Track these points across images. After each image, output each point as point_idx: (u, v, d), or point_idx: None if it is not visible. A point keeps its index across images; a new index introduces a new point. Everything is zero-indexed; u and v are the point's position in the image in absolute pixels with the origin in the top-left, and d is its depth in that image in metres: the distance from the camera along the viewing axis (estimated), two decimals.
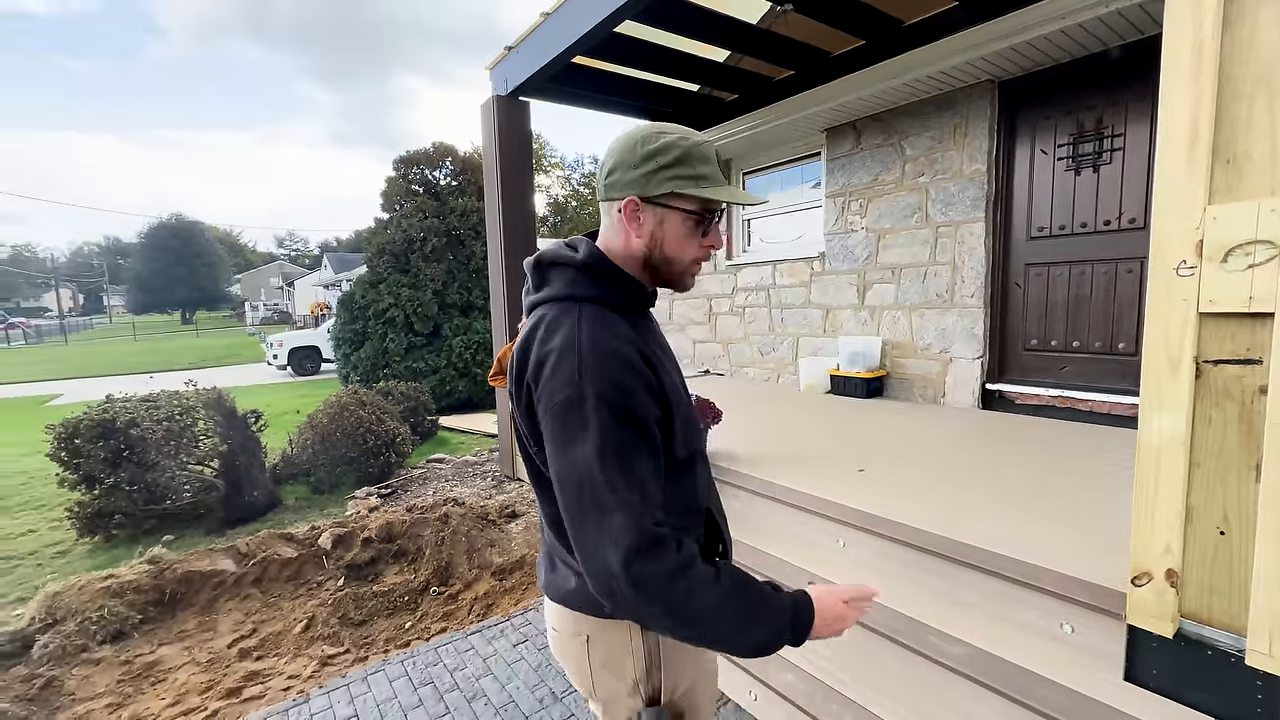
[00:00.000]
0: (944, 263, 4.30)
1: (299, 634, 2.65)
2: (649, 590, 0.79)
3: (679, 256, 0.99)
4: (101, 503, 3.84)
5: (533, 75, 4.26)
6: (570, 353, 0.87)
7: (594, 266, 0.98)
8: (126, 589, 2.80)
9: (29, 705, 2.23)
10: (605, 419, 0.83)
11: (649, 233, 0.97)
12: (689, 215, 0.97)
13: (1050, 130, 3.82)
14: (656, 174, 0.94)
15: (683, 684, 1.05)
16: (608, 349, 0.88)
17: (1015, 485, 2.40)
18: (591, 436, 0.83)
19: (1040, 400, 3.95)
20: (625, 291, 0.99)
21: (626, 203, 0.96)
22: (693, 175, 0.95)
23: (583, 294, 0.96)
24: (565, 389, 0.85)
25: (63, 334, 38.07)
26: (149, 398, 4.19)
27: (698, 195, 0.94)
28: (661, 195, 0.94)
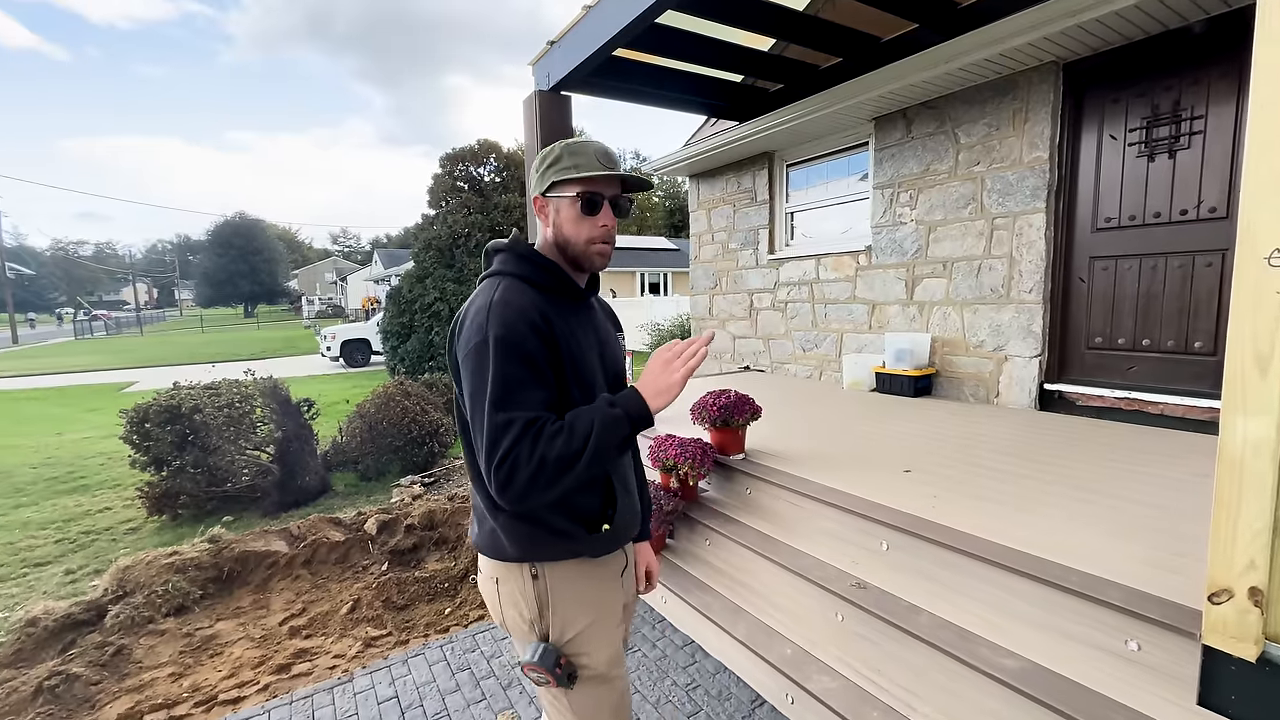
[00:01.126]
0: (1000, 256, 4.09)
1: (345, 615, 2.75)
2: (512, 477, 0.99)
3: (575, 236, 1.18)
4: (168, 484, 4.09)
5: (574, 69, 4.26)
6: (483, 310, 1.08)
7: (516, 249, 1.20)
8: (189, 565, 2.96)
9: (101, 670, 2.39)
10: (501, 356, 1.03)
11: (552, 221, 1.20)
12: (573, 200, 1.16)
13: (1120, 114, 3.57)
14: (545, 173, 1.18)
15: (572, 628, 1.18)
16: (512, 305, 1.08)
17: (1076, 491, 2.26)
18: (491, 371, 1.03)
19: (1104, 402, 3.71)
20: (542, 270, 1.18)
21: (534, 200, 1.21)
22: (567, 166, 1.16)
23: (508, 270, 1.18)
24: (475, 336, 1.07)
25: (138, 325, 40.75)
26: (211, 386, 4.42)
27: (567, 179, 1.14)
28: (548, 188, 1.17)
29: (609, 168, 1.16)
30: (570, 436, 1.01)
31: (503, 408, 1.02)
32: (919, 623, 1.80)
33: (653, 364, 1.12)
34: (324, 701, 2.14)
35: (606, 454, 1.04)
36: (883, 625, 1.88)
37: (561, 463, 1.00)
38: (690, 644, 2.34)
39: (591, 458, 1.01)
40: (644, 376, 1.11)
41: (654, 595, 2.65)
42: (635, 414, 1.07)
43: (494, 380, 1.02)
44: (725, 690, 2.07)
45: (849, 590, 2.02)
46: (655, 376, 1.10)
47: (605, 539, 1.20)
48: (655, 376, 1.10)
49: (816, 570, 2.16)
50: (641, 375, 1.12)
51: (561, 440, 1.01)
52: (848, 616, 2.00)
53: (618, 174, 1.18)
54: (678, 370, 1.08)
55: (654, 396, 1.08)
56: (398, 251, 41.43)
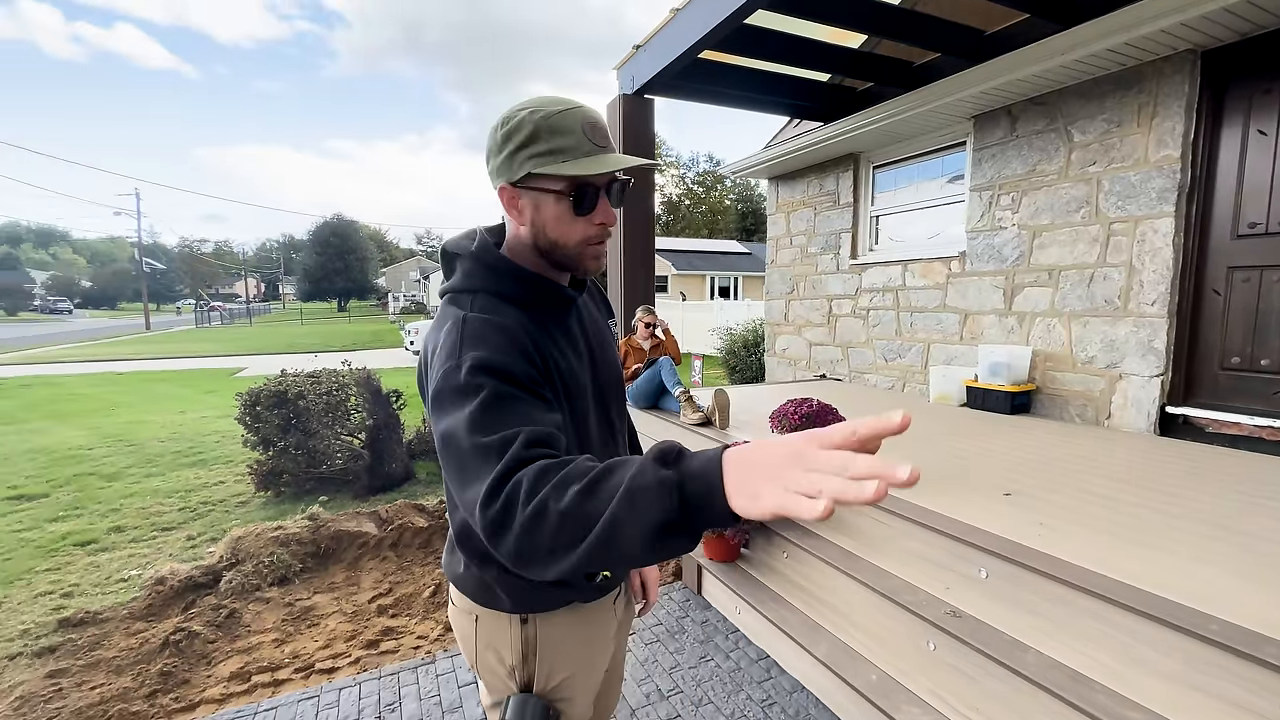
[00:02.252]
0: (1117, 264, 3.73)
1: (427, 598, 2.88)
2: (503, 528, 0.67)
3: (564, 239, 0.92)
4: (274, 463, 4.45)
5: (659, 72, 4.28)
6: (454, 331, 0.85)
7: (482, 257, 0.94)
8: (291, 540, 3.20)
9: (217, 630, 2.63)
10: (480, 378, 0.79)
11: (529, 219, 0.92)
12: (559, 196, 0.89)
13: (1274, 106, 3.17)
14: (515, 156, 0.88)
15: (558, 675, 1.04)
16: (487, 324, 0.86)
17: (1205, 528, 2.01)
18: (470, 399, 0.78)
19: (1240, 430, 3.30)
20: (516, 281, 0.93)
21: (500, 192, 0.92)
22: (548, 150, 0.86)
23: (476, 285, 0.93)
24: (447, 362, 0.83)
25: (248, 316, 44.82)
26: (313, 374, 4.78)
27: (557, 174, 0.87)
28: (523, 179, 0.88)
29: (603, 148, 0.89)
30: (592, 487, 0.63)
31: (487, 429, 0.75)
32: (1025, 661, 1.66)
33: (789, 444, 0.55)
34: (409, 680, 2.24)
35: (624, 528, 0.60)
36: (981, 659, 1.75)
37: (566, 520, 0.63)
38: (765, 658, 2.27)
39: (607, 525, 0.60)
40: (756, 454, 0.58)
41: (728, 605, 2.60)
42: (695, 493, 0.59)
43: (475, 407, 0.77)
44: (803, 710, 1.99)
45: (942, 618, 1.89)
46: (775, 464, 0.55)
47: (602, 585, 1.05)
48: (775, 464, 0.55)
49: (906, 593, 2.04)
50: (752, 450, 0.59)
51: (578, 487, 0.63)
52: (940, 646, 1.88)
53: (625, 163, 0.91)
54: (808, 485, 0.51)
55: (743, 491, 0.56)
56: None
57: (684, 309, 17.93)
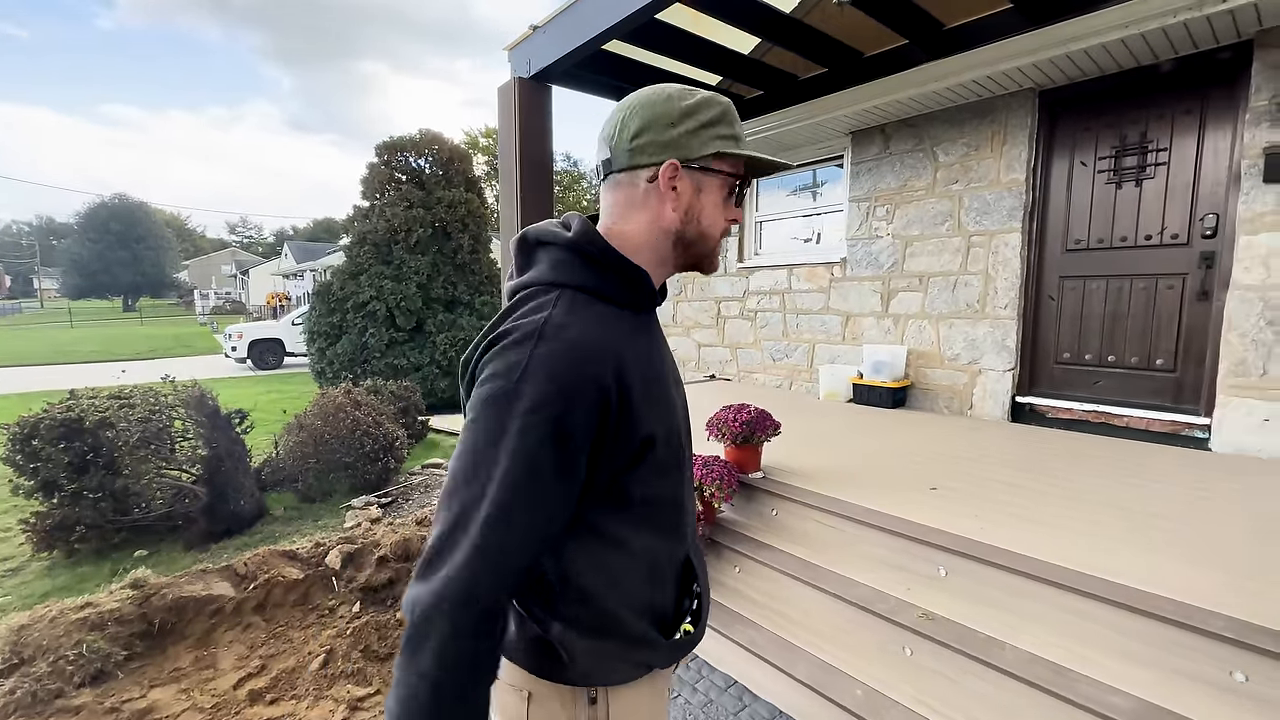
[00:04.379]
0: (976, 272, 4.23)
1: (317, 671, 2.32)
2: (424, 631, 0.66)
3: (713, 230, 0.85)
4: (63, 513, 3.37)
5: (560, 58, 3.98)
6: (527, 340, 0.71)
7: (585, 247, 0.80)
8: (108, 620, 2.40)
9: None
10: (529, 432, 0.68)
11: (686, 204, 0.82)
12: (728, 180, 0.83)
13: (1091, 142, 3.79)
14: (699, 132, 0.80)
15: None
16: (573, 344, 0.72)
17: (1102, 506, 2.28)
18: (506, 445, 0.68)
19: (1073, 414, 3.91)
20: (623, 279, 0.81)
21: (666, 167, 0.79)
22: (732, 135, 0.82)
23: (567, 279, 0.79)
24: (501, 380, 0.70)
25: None
26: (119, 393, 3.72)
27: (744, 155, 0.82)
28: (706, 156, 0.80)
29: None
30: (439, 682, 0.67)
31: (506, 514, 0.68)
32: (1004, 657, 1.71)
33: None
34: None
35: None
36: (961, 660, 1.79)
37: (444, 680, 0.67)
38: (734, 685, 2.15)
39: None
40: None
41: None
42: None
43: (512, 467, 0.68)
44: None
45: (916, 621, 1.91)
46: None
47: (683, 643, 0.90)
48: None
49: (875, 601, 2.04)
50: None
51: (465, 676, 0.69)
52: (917, 650, 1.89)
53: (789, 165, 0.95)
54: None
55: None
56: (310, 244, 38.52)
57: None
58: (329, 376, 8.61)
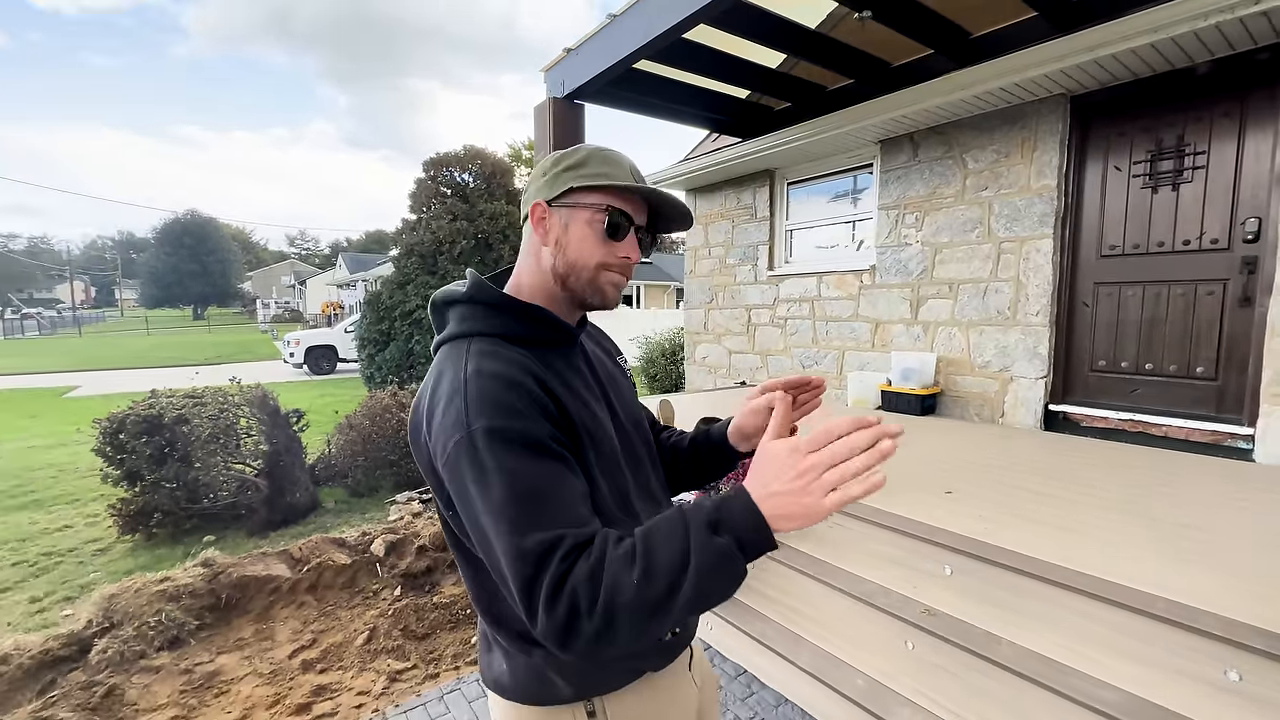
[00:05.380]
0: (1006, 279, 4.19)
1: (361, 646, 2.55)
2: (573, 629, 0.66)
3: (583, 259, 0.89)
4: (144, 500, 3.76)
5: (592, 78, 4.19)
6: (457, 393, 0.77)
7: (479, 298, 0.89)
8: (182, 593, 2.70)
9: (91, 715, 2.14)
10: (501, 455, 0.73)
11: (554, 239, 0.89)
12: (593, 215, 0.88)
13: (1125, 147, 3.73)
14: (560, 176, 0.88)
15: None
16: (491, 374, 0.78)
17: (1123, 513, 2.28)
18: (494, 481, 0.72)
19: (1108, 423, 3.83)
20: (518, 318, 0.88)
21: (533, 208, 0.89)
22: (594, 173, 0.88)
23: (471, 329, 0.87)
24: (455, 433, 0.75)
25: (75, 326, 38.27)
26: (193, 393, 4.12)
27: (592, 185, 0.87)
28: (561, 194, 0.88)
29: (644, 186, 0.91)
30: (648, 573, 0.67)
31: (526, 529, 0.70)
32: (1001, 652, 1.77)
33: (781, 461, 0.70)
34: None
35: (711, 599, 0.69)
36: (961, 654, 1.85)
37: (641, 610, 0.66)
38: (744, 674, 2.25)
39: (688, 606, 0.67)
40: (763, 476, 0.70)
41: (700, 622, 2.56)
42: (751, 542, 0.69)
43: (502, 493, 0.72)
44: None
45: (919, 617, 1.98)
46: (787, 488, 0.68)
47: (672, 644, 0.94)
48: (787, 488, 0.68)
49: (880, 596, 2.11)
50: (758, 472, 0.71)
51: (636, 576, 0.67)
52: (919, 645, 1.96)
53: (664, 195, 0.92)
54: (824, 486, 0.67)
55: (781, 517, 0.68)
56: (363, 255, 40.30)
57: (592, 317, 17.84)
58: (378, 381, 9.07)
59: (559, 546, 0.69)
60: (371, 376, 9.30)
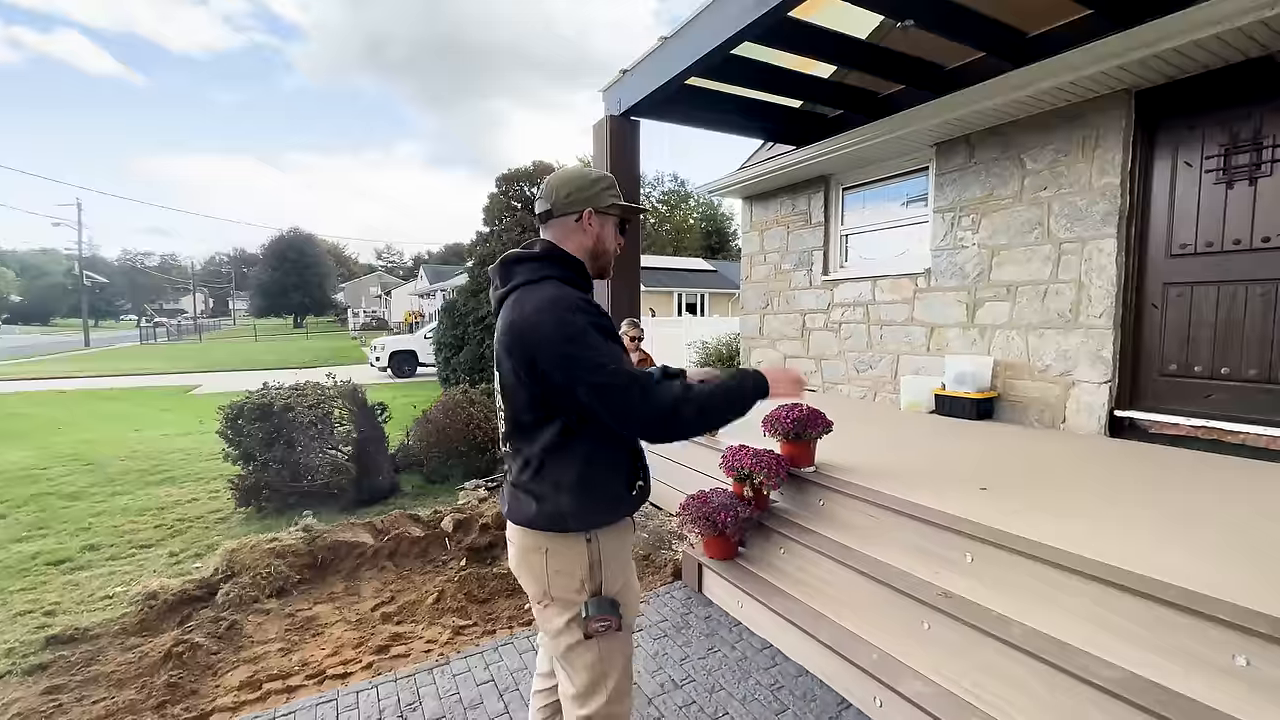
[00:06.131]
0: (1067, 280, 4.08)
1: (431, 605, 2.90)
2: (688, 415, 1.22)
3: (608, 250, 1.41)
4: (256, 477, 4.36)
5: (646, 96, 4.48)
6: (554, 307, 1.22)
7: (551, 256, 1.34)
8: (287, 552, 3.17)
9: (219, 642, 2.59)
10: (598, 338, 1.20)
11: (595, 234, 1.37)
12: (615, 220, 1.41)
13: (1197, 141, 3.58)
14: (602, 193, 1.37)
15: (617, 584, 1.32)
16: (577, 298, 1.25)
17: (1162, 516, 2.27)
18: (603, 351, 1.19)
19: (1179, 430, 3.65)
20: (576, 271, 1.35)
21: (586, 212, 1.35)
22: (617, 194, 1.40)
23: (546, 274, 1.30)
24: (565, 328, 1.19)
25: (197, 333, 42.92)
26: (297, 387, 4.72)
27: (623, 205, 1.41)
28: (607, 206, 1.37)
29: None
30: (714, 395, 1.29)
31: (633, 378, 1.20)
32: (1012, 632, 1.84)
33: (790, 373, 1.48)
34: (426, 681, 2.28)
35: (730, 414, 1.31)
36: (973, 633, 1.93)
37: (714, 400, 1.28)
38: (769, 647, 2.41)
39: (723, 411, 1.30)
40: (776, 373, 1.42)
41: (729, 600, 2.73)
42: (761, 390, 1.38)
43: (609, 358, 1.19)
44: (810, 692, 2.13)
45: (935, 599, 2.07)
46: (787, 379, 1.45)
47: (639, 497, 1.38)
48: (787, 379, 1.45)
49: (900, 579, 2.21)
50: (770, 370, 1.42)
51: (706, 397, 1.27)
52: (934, 625, 2.05)
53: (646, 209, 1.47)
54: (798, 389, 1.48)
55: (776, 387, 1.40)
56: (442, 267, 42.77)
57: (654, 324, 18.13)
58: (453, 382, 9.75)
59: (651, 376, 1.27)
60: (447, 378, 10.00)
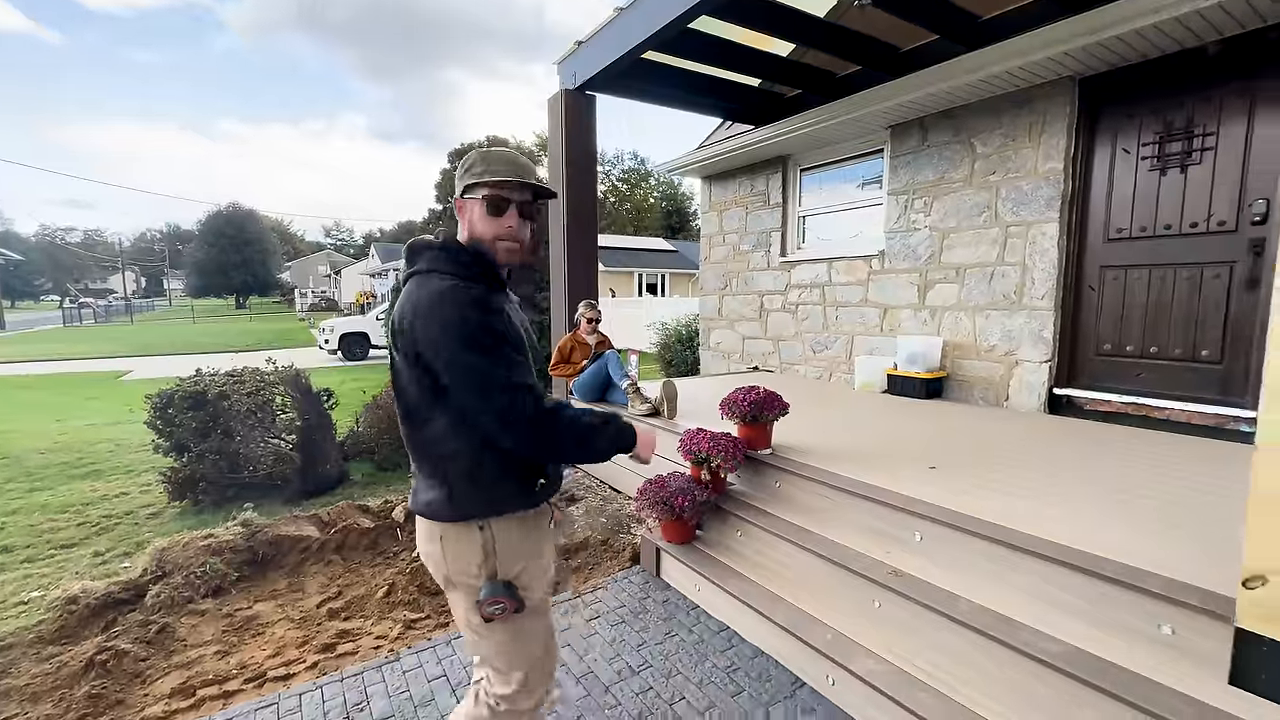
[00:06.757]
0: (1013, 263, 4.21)
1: (381, 599, 2.80)
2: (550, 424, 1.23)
3: (483, 233, 1.31)
4: (190, 469, 4.11)
5: (602, 70, 4.34)
6: (437, 298, 1.21)
7: (444, 247, 1.31)
8: (224, 548, 3.00)
9: (148, 647, 2.43)
10: (480, 337, 1.19)
11: (468, 220, 1.33)
12: (481, 202, 1.30)
13: (1134, 129, 3.70)
14: (461, 178, 1.34)
15: (514, 568, 1.33)
16: (463, 292, 1.22)
17: (1101, 490, 2.37)
18: (479, 349, 1.19)
19: (1111, 407, 3.84)
20: (466, 263, 1.29)
21: (456, 201, 1.35)
22: (479, 171, 1.30)
23: (435, 267, 1.28)
24: (444, 323, 1.19)
25: (128, 314, 40.26)
26: (233, 373, 4.45)
27: (477, 182, 1.30)
28: (463, 191, 1.32)
29: (516, 175, 1.30)
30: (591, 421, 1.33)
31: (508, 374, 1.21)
32: (959, 609, 1.89)
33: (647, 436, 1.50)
34: (375, 679, 2.20)
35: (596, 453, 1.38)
36: (922, 611, 1.98)
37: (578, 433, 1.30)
38: (726, 630, 2.42)
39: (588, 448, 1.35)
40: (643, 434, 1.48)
41: (686, 584, 2.73)
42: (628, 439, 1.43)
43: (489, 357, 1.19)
44: (765, 672, 2.15)
45: (886, 578, 2.11)
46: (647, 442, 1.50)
47: (540, 493, 1.39)
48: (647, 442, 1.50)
49: (853, 560, 2.24)
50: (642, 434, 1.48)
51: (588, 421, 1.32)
52: (885, 603, 2.09)
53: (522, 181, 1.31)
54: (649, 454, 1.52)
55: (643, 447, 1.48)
56: (394, 246, 41.26)
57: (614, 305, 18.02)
58: None
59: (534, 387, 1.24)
60: None
